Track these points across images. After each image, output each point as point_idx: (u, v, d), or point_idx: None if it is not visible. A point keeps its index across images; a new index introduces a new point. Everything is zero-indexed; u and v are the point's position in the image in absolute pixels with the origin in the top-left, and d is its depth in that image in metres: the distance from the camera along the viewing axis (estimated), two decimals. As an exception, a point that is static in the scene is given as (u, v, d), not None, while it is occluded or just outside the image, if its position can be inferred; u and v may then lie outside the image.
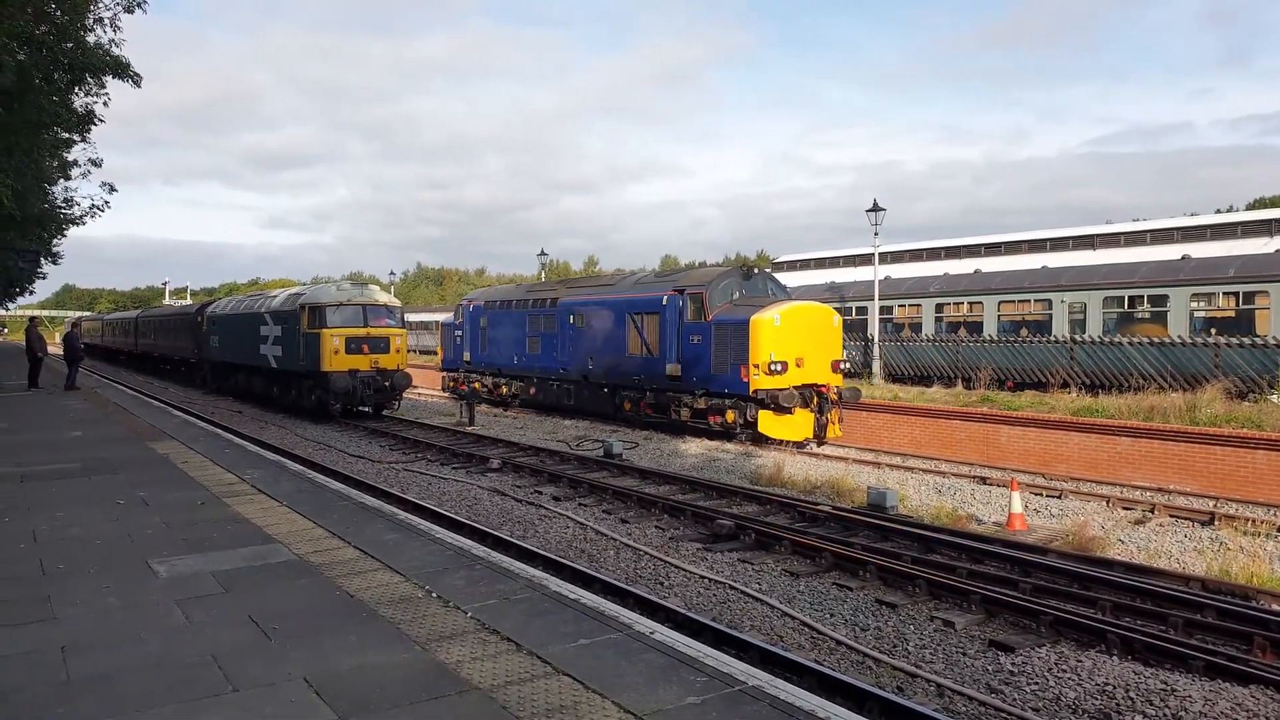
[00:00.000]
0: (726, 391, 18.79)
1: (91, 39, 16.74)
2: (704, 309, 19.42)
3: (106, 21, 16.80)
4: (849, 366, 20.17)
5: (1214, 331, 19.35)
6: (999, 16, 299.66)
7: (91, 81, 17.43)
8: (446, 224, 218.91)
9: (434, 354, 39.02)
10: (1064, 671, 6.75)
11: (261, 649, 4.88)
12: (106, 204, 23.98)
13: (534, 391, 25.75)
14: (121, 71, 16.62)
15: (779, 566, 9.69)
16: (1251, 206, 63.43)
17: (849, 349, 25.69)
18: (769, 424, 18.11)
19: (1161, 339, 19.63)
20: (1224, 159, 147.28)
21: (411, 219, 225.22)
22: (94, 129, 20.20)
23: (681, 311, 19.95)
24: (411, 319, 38.58)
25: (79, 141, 22.75)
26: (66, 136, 21.50)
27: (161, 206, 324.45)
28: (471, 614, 5.45)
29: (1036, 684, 6.57)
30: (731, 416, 18.68)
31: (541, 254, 42.70)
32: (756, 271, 21.24)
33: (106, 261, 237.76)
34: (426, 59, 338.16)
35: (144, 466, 11.35)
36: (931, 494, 14.13)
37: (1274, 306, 18.61)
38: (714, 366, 18.97)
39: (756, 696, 4.25)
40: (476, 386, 27.73)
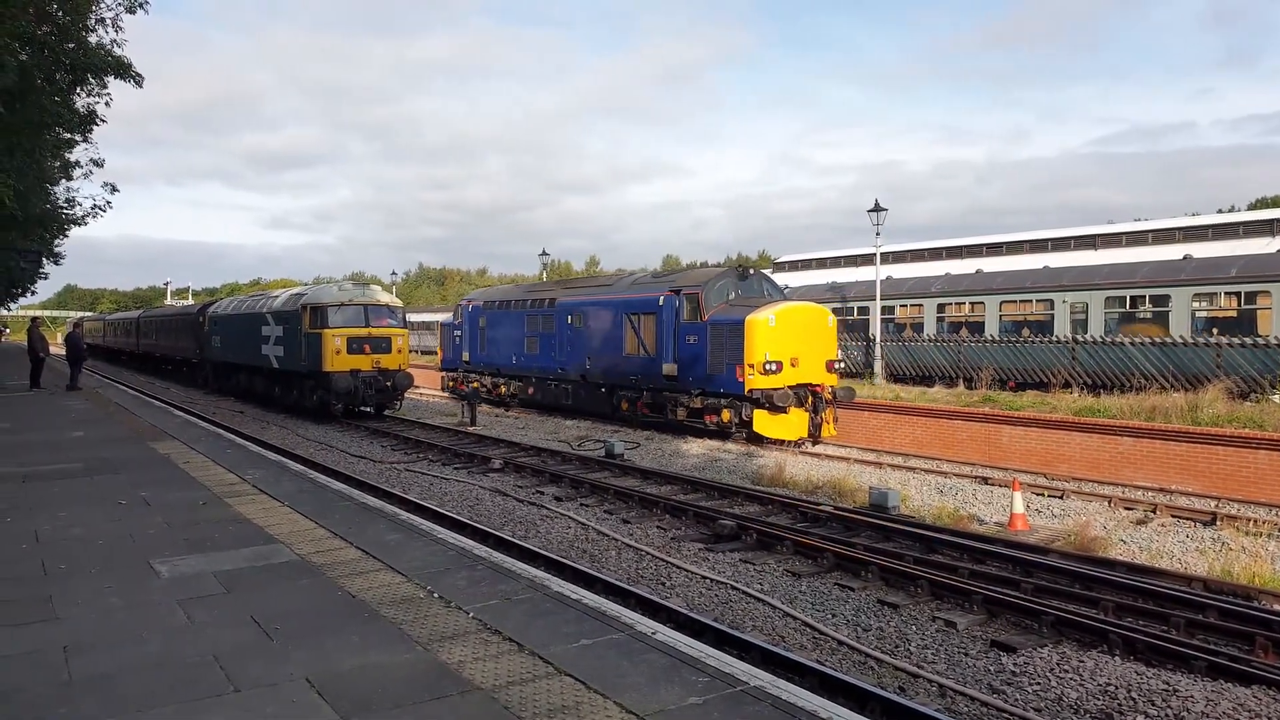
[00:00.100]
0: (722, 391, 18.81)
1: (93, 39, 16.81)
2: (700, 309, 19.45)
3: (108, 22, 16.89)
4: (849, 366, 20.18)
5: (1216, 331, 19.33)
6: (999, 16, 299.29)
7: (93, 82, 17.48)
8: (448, 224, 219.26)
9: (435, 354, 39.03)
10: (1066, 672, 6.75)
11: (263, 649, 4.88)
12: (108, 204, 24.17)
13: (532, 391, 25.77)
14: (123, 72, 16.66)
15: (781, 567, 9.70)
16: (1253, 206, 63.37)
17: (851, 349, 25.75)
18: (764, 423, 18.14)
19: (1163, 339, 19.62)
20: (1225, 159, 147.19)
21: (413, 219, 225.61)
22: (96, 129, 20.34)
23: (678, 312, 19.97)
24: (413, 319, 38.66)
25: (81, 142, 22.81)
26: (68, 137, 21.54)
27: (163, 207, 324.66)
28: (473, 614, 5.45)
29: (1038, 684, 6.57)
30: (727, 416, 18.71)
31: (543, 254, 42.79)
32: (752, 272, 21.29)
33: (108, 262, 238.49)
34: (428, 59, 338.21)
35: (146, 466, 11.36)
36: (933, 494, 14.13)
37: (1276, 306, 18.58)
38: (710, 366, 18.99)
39: (758, 697, 4.25)
40: (476, 386, 27.74)
